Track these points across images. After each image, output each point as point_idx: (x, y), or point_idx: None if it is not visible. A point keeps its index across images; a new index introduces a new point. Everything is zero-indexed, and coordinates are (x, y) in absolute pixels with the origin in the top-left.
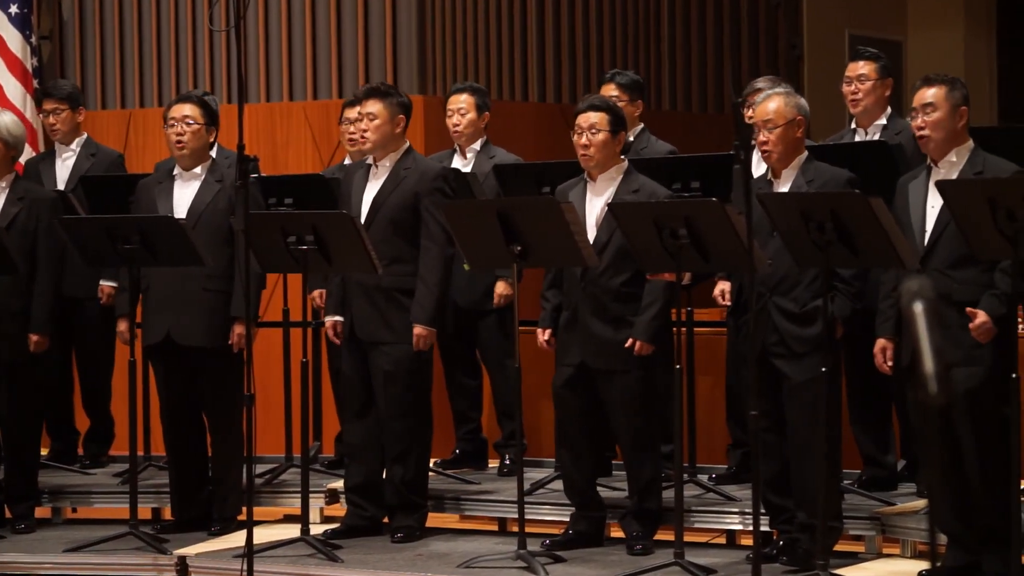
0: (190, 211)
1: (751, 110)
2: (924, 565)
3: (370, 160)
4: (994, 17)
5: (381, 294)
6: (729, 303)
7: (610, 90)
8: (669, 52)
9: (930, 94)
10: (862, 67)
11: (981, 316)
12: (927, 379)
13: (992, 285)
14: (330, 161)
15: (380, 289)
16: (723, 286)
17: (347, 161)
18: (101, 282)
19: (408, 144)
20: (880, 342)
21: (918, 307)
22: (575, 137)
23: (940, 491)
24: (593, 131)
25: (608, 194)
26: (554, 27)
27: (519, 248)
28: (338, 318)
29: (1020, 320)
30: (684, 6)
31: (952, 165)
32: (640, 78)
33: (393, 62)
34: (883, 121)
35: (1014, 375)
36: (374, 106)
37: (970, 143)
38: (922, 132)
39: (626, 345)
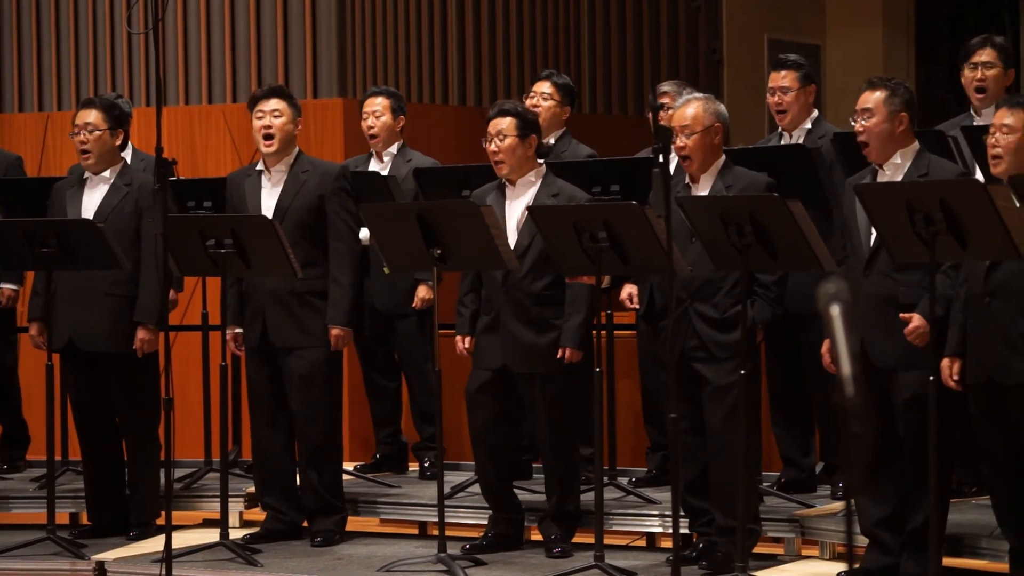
0: (96, 214)
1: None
2: (843, 567)
3: (260, 166)
4: (912, 24)
5: (294, 299)
6: (637, 307)
7: (544, 87)
8: (589, 55)
9: (870, 99)
10: (784, 77)
11: (916, 320)
12: (844, 381)
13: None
14: (249, 163)
15: (293, 294)
16: (630, 290)
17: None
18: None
19: (298, 148)
20: (827, 343)
21: (835, 310)
22: (485, 144)
23: (861, 494)
24: (501, 137)
25: (527, 198)
26: (474, 30)
27: (439, 251)
28: (238, 329)
29: None
30: (604, 9)
31: (897, 167)
32: (573, 85)
33: (313, 65)
34: (808, 125)
35: (931, 378)
36: (279, 103)
37: (915, 145)
38: (860, 138)
39: (558, 356)
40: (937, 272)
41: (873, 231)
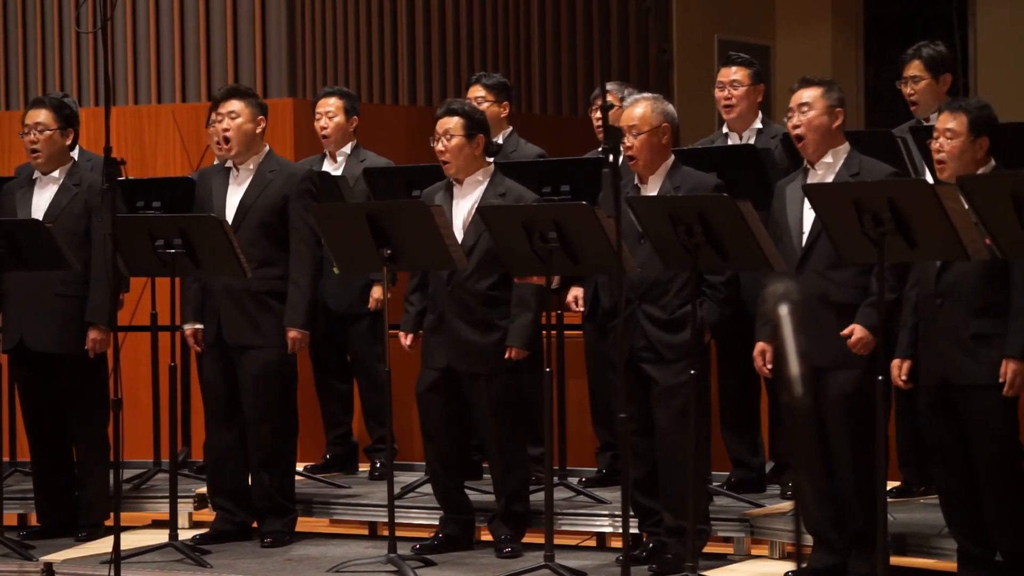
0: (46, 215)
1: (596, 114)
2: (792, 566)
3: (229, 163)
4: (861, 26)
5: (250, 298)
6: (582, 308)
7: (477, 92)
8: (539, 55)
9: (807, 94)
10: (735, 73)
11: (857, 331)
12: (792, 382)
13: (868, 286)
14: (199, 164)
15: (249, 293)
16: (576, 292)
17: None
18: None
19: (268, 147)
20: (759, 345)
21: (783, 310)
22: (432, 143)
23: (807, 493)
24: (448, 137)
25: (475, 198)
26: (424, 30)
27: (389, 251)
28: (198, 325)
29: None
30: (554, 10)
31: (828, 167)
32: (506, 79)
33: (263, 65)
34: (758, 125)
35: (880, 377)
36: (236, 105)
37: (846, 145)
38: (798, 131)
39: (506, 356)
40: (872, 273)
41: (805, 230)
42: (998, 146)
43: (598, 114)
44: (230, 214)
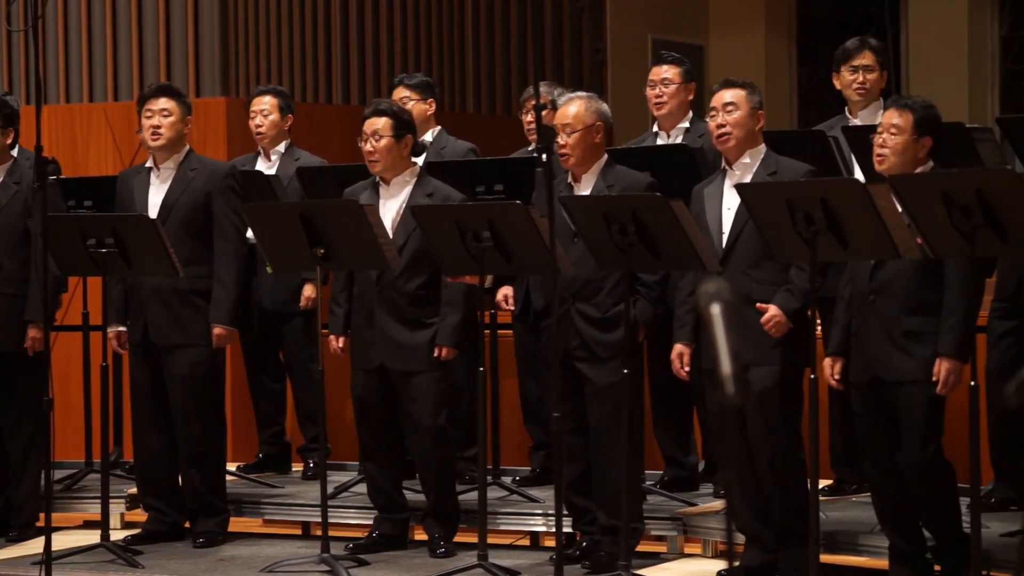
0: None
1: (526, 116)
2: (724, 564)
3: (150, 163)
4: (794, 26)
5: (176, 297)
6: (512, 308)
7: (401, 93)
8: (473, 55)
9: (730, 94)
10: (666, 71)
11: (772, 310)
12: (724, 381)
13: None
14: (131, 163)
15: (175, 292)
16: (506, 291)
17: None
18: None
19: (189, 147)
20: (677, 347)
21: (715, 309)
22: (360, 144)
23: (738, 491)
24: (377, 137)
25: (402, 198)
26: (358, 29)
27: (322, 251)
28: (121, 328)
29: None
30: (488, 9)
31: (746, 167)
32: (429, 78)
33: (195, 63)
34: (686, 124)
35: (813, 376)
36: (168, 103)
37: (763, 146)
38: (723, 130)
39: (435, 355)
40: (792, 267)
41: (725, 231)
42: (935, 146)
43: (528, 116)
44: (152, 214)
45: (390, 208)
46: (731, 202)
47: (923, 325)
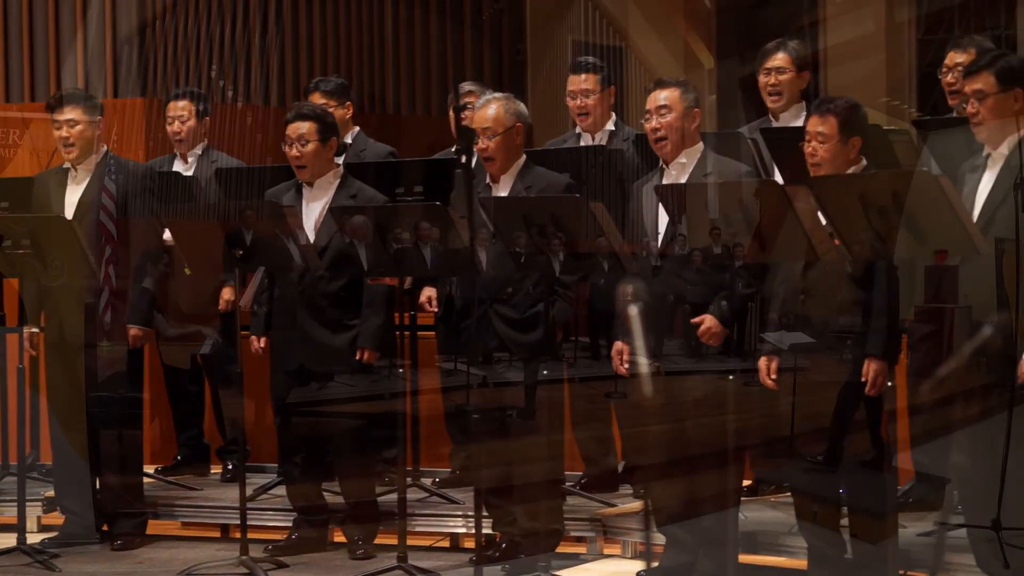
0: None
1: (464, 113)
2: (644, 565)
3: (67, 164)
4: (714, 28)
5: (92, 297)
6: (436, 309)
7: (316, 98)
8: (393, 55)
9: (663, 96)
10: (584, 81)
11: (707, 320)
12: (642, 381)
13: (724, 286)
14: (48, 164)
15: (92, 292)
16: (429, 292)
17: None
18: None
19: (106, 147)
20: (617, 345)
21: (633, 310)
22: (285, 148)
23: (657, 493)
24: (303, 142)
25: (326, 199)
26: (277, 29)
27: (241, 252)
28: (35, 329)
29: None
30: (408, 9)
31: (682, 167)
32: (344, 80)
33: (113, 64)
34: (610, 127)
35: (731, 377)
36: (73, 112)
37: (700, 145)
38: (658, 134)
39: (357, 357)
40: (726, 272)
41: (660, 231)
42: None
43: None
44: (69, 214)
45: (313, 209)
46: None
47: (852, 326)
